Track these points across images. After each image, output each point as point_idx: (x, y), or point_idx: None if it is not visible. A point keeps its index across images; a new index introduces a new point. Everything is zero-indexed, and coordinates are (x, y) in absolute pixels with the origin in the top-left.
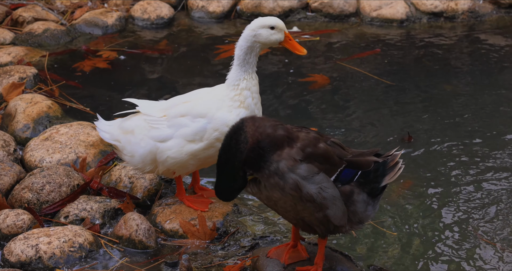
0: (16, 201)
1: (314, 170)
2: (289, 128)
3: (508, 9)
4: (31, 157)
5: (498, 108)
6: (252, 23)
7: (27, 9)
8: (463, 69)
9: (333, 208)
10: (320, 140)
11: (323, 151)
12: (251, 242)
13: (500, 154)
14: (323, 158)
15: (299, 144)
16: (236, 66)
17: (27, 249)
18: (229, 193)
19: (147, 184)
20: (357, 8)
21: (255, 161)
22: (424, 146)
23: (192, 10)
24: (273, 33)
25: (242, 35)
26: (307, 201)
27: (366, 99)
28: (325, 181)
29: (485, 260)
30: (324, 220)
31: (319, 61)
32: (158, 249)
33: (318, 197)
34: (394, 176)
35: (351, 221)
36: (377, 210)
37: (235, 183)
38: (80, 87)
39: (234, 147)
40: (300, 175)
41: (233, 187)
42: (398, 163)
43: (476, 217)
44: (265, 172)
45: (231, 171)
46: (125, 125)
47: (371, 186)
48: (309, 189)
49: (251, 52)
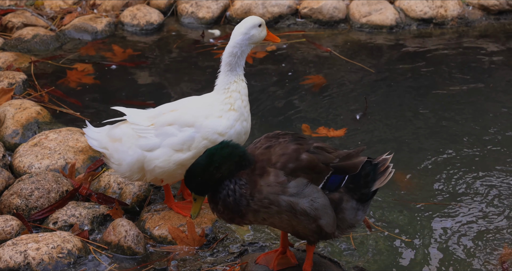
0: (5, 207)
1: (303, 182)
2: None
3: (497, 15)
4: (20, 162)
5: (488, 113)
6: (242, 27)
7: (16, 15)
8: (453, 75)
9: (325, 217)
10: (300, 150)
11: (307, 162)
12: (240, 248)
13: (501, 156)
14: (308, 168)
15: (278, 164)
16: (225, 72)
17: (16, 255)
18: (196, 182)
19: (136, 190)
20: (346, 14)
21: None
22: (413, 151)
23: (182, 16)
24: (261, 30)
25: (234, 41)
26: (301, 215)
27: (354, 106)
28: (314, 192)
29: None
30: (318, 230)
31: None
32: (147, 255)
33: (311, 209)
34: (385, 180)
35: (340, 227)
36: (367, 212)
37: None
38: (77, 103)
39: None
40: (291, 193)
41: (201, 182)
42: (388, 167)
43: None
44: (255, 207)
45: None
46: (113, 133)
47: (361, 191)
48: (302, 204)
49: (243, 55)
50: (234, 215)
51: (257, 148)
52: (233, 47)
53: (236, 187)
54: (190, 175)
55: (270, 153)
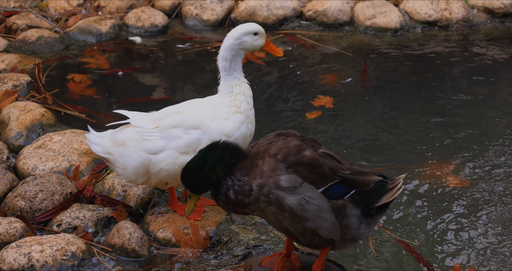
0: (9, 209)
1: (298, 181)
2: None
3: (502, 18)
4: (24, 164)
5: (494, 117)
6: (235, 31)
7: (21, 17)
8: (457, 78)
9: (317, 221)
10: (304, 147)
11: (309, 159)
12: (244, 251)
13: (500, 159)
14: (311, 166)
15: (279, 156)
16: (224, 77)
17: (20, 257)
18: (190, 180)
19: (140, 192)
20: (351, 17)
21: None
22: (413, 152)
23: (186, 18)
24: (257, 38)
25: (225, 44)
26: (286, 212)
27: (358, 110)
28: (309, 191)
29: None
30: (305, 232)
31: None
32: (150, 258)
33: (298, 209)
34: (393, 196)
35: (344, 238)
36: (372, 230)
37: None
38: (82, 109)
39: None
40: (281, 187)
41: (197, 178)
42: (398, 184)
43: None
44: (255, 195)
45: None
46: (117, 137)
47: (367, 201)
48: (289, 200)
49: (236, 59)
50: (236, 206)
51: (262, 143)
52: (224, 51)
53: (235, 181)
54: (185, 173)
55: (271, 146)
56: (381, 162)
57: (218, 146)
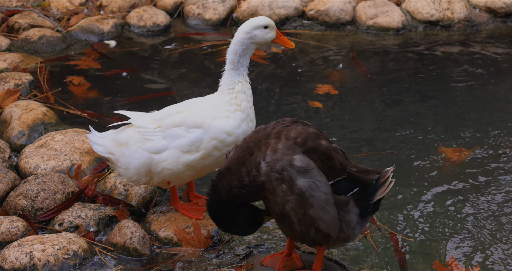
0: (11, 208)
1: (311, 164)
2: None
3: (504, 18)
4: (26, 163)
5: (496, 116)
6: (245, 26)
7: (23, 16)
8: (459, 77)
9: (319, 210)
10: (320, 136)
11: (325, 149)
12: (245, 250)
13: (501, 161)
14: (325, 157)
15: (299, 139)
16: (229, 71)
17: (21, 256)
18: (237, 230)
19: (142, 191)
20: (353, 16)
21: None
22: (415, 150)
23: (188, 17)
24: (267, 32)
25: (236, 39)
26: (293, 194)
27: (360, 109)
28: (319, 176)
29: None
30: (304, 219)
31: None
32: (152, 257)
33: (307, 191)
34: (385, 191)
35: (339, 236)
36: (362, 232)
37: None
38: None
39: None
40: (294, 166)
41: (238, 225)
42: (388, 178)
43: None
44: (263, 177)
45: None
46: (119, 137)
47: (364, 199)
48: (301, 182)
49: (245, 54)
50: (253, 189)
51: (275, 126)
52: (234, 44)
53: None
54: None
55: (290, 129)
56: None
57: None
